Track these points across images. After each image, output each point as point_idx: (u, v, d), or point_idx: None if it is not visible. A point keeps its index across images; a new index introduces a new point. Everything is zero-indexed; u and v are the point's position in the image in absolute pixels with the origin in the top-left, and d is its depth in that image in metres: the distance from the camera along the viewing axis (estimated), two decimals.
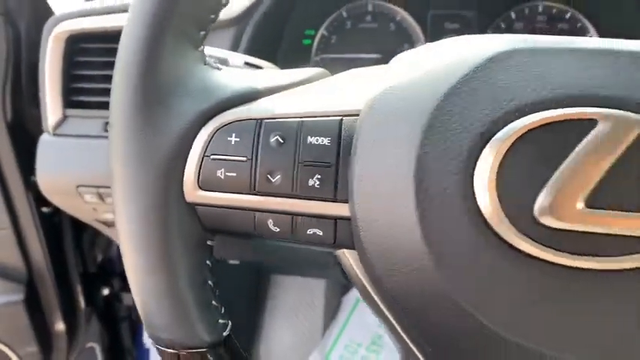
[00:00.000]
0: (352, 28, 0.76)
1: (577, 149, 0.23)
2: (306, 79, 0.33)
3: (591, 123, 0.23)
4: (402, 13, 0.75)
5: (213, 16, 0.31)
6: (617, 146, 0.23)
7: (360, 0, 0.75)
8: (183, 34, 0.29)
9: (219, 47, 0.58)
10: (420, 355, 0.28)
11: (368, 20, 0.76)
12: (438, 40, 0.30)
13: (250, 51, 0.59)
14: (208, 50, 0.41)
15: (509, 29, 0.72)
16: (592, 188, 0.23)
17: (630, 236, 0.23)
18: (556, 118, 0.23)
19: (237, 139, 0.29)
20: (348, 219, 0.28)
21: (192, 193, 0.29)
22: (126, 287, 1.03)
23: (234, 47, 0.58)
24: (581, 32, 0.71)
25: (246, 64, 0.45)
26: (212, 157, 0.29)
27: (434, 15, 0.75)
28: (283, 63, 0.62)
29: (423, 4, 0.74)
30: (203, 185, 0.29)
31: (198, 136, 0.29)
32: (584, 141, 0.23)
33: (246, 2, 0.59)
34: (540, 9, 0.72)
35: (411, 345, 0.28)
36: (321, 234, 0.29)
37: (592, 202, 0.23)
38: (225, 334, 0.31)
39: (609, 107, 0.24)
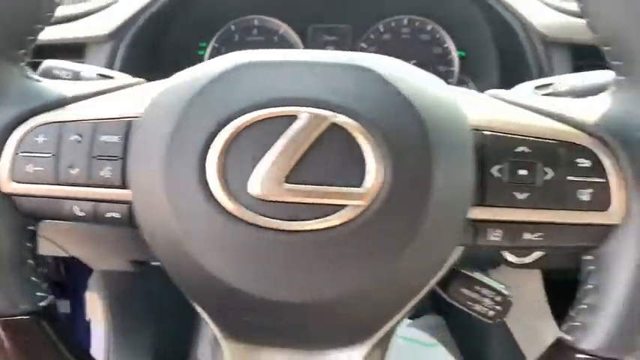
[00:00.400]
0: (240, 41, 0.83)
1: (281, 139, 0.30)
2: (118, 87, 0.39)
3: (292, 119, 0.30)
4: (284, 27, 0.82)
5: (31, 38, 0.37)
6: (310, 136, 0.30)
7: (247, 16, 0.82)
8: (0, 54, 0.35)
9: (97, 61, 0.63)
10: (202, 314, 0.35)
11: (254, 34, 0.83)
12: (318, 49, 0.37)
13: (127, 64, 0.64)
14: (59, 63, 0.47)
15: (379, 40, 0.81)
16: (292, 168, 0.30)
17: (322, 204, 0.30)
18: (265, 116, 0.30)
19: (45, 139, 0.35)
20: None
21: (7, 185, 0.35)
22: None
23: (111, 61, 0.64)
24: (441, 41, 0.80)
25: (100, 75, 0.50)
26: (22, 154, 0.35)
27: (314, 28, 0.82)
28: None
29: (304, 19, 0.82)
30: (16, 178, 0.35)
31: (10, 137, 0.35)
32: (286, 132, 0.30)
33: (122, 18, 0.65)
34: (405, 22, 0.80)
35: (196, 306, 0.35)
36: (119, 217, 0.35)
37: (292, 179, 0.30)
38: (42, 304, 0.37)
39: (306, 106, 0.30)
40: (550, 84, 0.47)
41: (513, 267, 0.65)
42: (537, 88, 0.49)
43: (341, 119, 0.30)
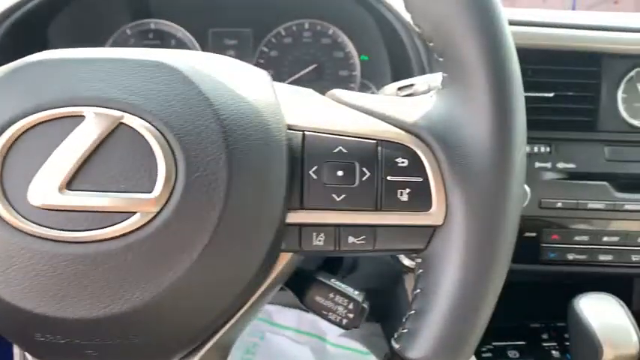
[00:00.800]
0: (135, 45, 0.79)
1: (64, 142, 0.27)
2: None
3: (79, 119, 0.27)
4: (182, 31, 0.79)
5: None
6: (96, 137, 0.27)
7: (143, 19, 0.79)
8: None
9: None
10: None
11: (150, 38, 0.79)
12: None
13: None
14: None
15: (281, 43, 0.79)
16: (74, 173, 0.27)
17: (109, 212, 0.27)
18: (48, 117, 0.27)
19: None
20: None
21: None
22: None
23: None
24: (342, 45, 0.79)
25: None
26: None
27: (214, 32, 0.80)
28: None
29: (203, 22, 0.79)
30: None
31: None
32: (70, 135, 0.27)
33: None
34: (307, 26, 0.79)
35: None
36: None
37: (75, 185, 0.27)
38: None
39: (93, 105, 0.28)
40: (412, 84, 0.47)
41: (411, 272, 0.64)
42: (400, 89, 0.48)
43: (129, 119, 0.28)
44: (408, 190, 0.31)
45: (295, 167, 0.31)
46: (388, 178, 0.31)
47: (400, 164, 0.31)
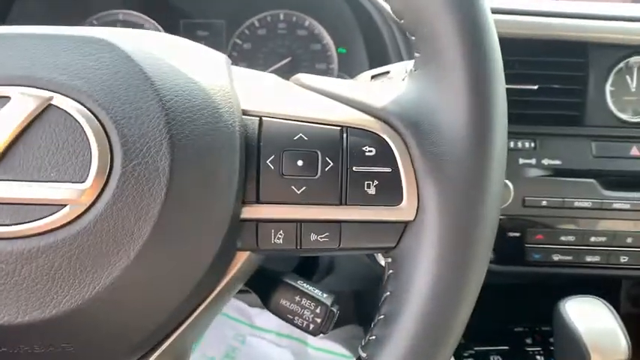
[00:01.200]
0: None
1: None
2: None
3: (4, 101, 0.24)
4: (151, 22, 0.75)
5: None
6: (21, 121, 0.24)
7: (110, 10, 0.75)
8: None
9: None
10: None
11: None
12: None
13: None
14: None
15: (254, 35, 0.75)
16: None
17: (35, 204, 0.24)
18: None
19: None
20: None
21: None
22: None
23: None
24: (319, 37, 0.75)
25: None
26: None
27: (185, 24, 0.76)
28: None
29: (175, 14, 0.75)
30: None
31: None
32: None
33: None
34: (282, 17, 0.75)
35: None
36: None
37: None
38: None
39: (19, 85, 0.25)
40: (387, 72, 0.43)
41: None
42: (374, 77, 0.45)
43: (60, 100, 0.25)
44: (375, 182, 0.28)
45: (250, 156, 0.28)
46: (354, 168, 0.29)
47: (367, 153, 0.29)
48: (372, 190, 0.28)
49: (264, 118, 0.29)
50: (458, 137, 0.27)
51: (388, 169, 0.28)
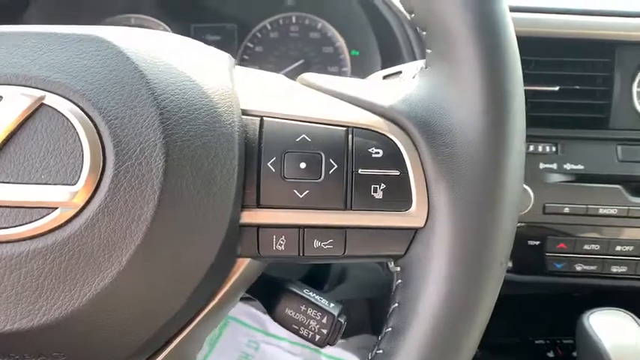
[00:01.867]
0: None
1: None
2: None
3: None
4: (163, 26, 0.75)
5: None
6: (12, 120, 0.23)
7: (122, 14, 0.75)
8: None
9: None
10: None
11: None
12: None
13: None
14: None
15: (266, 38, 0.74)
16: None
17: (26, 207, 0.23)
18: None
19: None
20: None
21: None
22: None
23: None
24: (332, 40, 0.74)
25: None
26: None
27: (196, 28, 0.75)
28: None
29: (186, 17, 0.75)
30: None
31: None
32: None
33: None
34: (294, 19, 0.74)
35: None
36: None
37: None
38: None
39: (11, 84, 0.24)
40: (399, 72, 0.42)
41: None
42: (385, 77, 0.43)
43: (52, 99, 0.24)
44: (383, 186, 0.27)
45: (251, 158, 0.27)
46: (359, 171, 0.27)
47: (374, 155, 0.27)
48: (379, 195, 0.27)
49: (265, 119, 0.27)
50: (472, 139, 0.25)
51: (396, 172, 0.27)
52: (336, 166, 0.27)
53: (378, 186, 0.27)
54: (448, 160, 0.26)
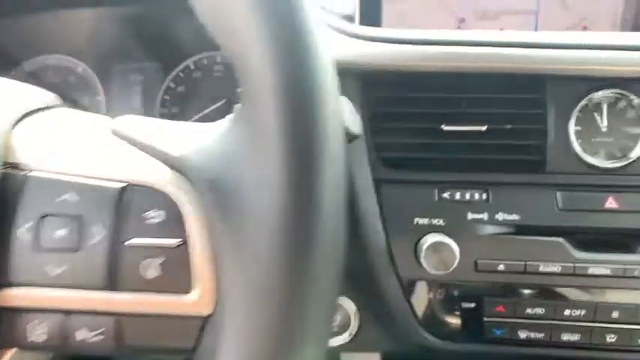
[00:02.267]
0: (33, 81, 0.71)
1: None
2: None
3: None
4: (82, 66, 0.71)
5: None
6: None
7: (40, 55, 0.72)
8: None
9: None
10: None
11: (50, 74, 0.72)
12: (124, 91, 0.27)
13: None
14: None
15: (189, 78, 0.70)
16: None
17: None
18: None
19: None
20: None
21: None
22: None
23: None
24: None
25: None
26: None
27: (120, 68, 0.72)
28: None
29: (106, 58, 0.71)
30: None
31: None
32: None
33: None
34: (218, 59, 0.70)
35: None
36: None
37: None
38: None
39: None
40: None
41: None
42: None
43: None
44: (159, 260, 0.21)
45: (3, 224, 0.21)
46: (128, 242, 0.21)
47: (150, 220, 0.22)
48: (153, 271, 0.21)
49: (30, 174, 0.22)
50: (270, 205, 0.19)
51: (176, 242, 0.22)
52: (100, 235, 0.21)
53: (153, 259, 0.21)
54: (241, 227, 0.20)
